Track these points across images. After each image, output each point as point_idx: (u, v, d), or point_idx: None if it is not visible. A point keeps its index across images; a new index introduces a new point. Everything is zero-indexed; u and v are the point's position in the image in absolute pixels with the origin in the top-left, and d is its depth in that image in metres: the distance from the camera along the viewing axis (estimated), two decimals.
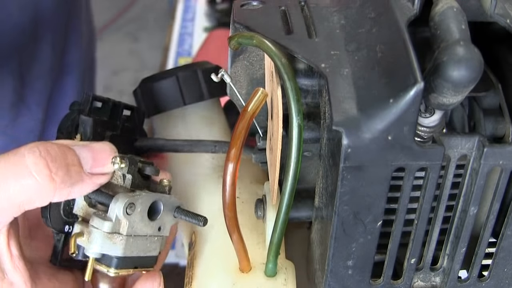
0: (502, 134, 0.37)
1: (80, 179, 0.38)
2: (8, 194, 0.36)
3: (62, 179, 0.36)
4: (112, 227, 0.41)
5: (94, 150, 0.39)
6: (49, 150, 0.36)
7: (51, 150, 0.36)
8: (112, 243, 0.41)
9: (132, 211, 0.41)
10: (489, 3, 0.33)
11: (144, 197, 0.42)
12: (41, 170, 0.36)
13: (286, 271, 0.41)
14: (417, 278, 0.37)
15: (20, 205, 0.36)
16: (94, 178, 0.39)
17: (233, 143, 0.35)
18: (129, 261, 0.42)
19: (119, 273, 0.42)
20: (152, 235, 0.43)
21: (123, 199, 0.40)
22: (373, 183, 0.32)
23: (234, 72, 0.42)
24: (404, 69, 0.29)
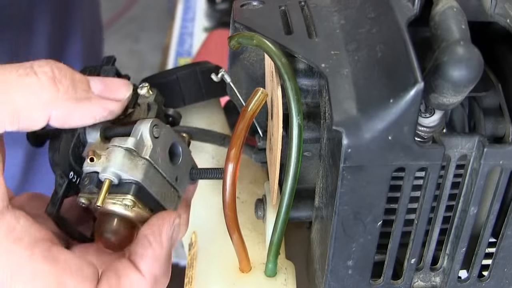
0: (502, 134, 0.37)
1: (86, 96, 0.36)
2: (7, 89, 0.33)
3: (66, 89, 0.34)
4: (136, 144, 0.37)
5: (106, 80, 0.37)
6: (57, 63, 0.35)
7: (60, 64, 0.35)
8: (133, 165, 0.37)
9: (158, 134, 0.38)
10: (489, 3, 0.33)
11: (168, 129, 0.39)
12: (45, 71, 0.34)
13: (286, 271, 0.41)
14: (417, 278, 0.37)
15: (18, 110, 0.33)
16: (103, 101, 0.37)
17: (233, 143, 0.35)
18: (146, 197, 0.37)
19: (134, 205, 0.37)
20: (170, 182, 0.39)
21: (149, 119, 0.38)
22: (373, 183, 0.32)
23: (234, 72, 0.42)
24: (404, 69, 0.29)
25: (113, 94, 0.37)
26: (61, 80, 0.34)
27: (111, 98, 0.37)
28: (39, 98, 0.34)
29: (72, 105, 0.35)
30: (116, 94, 0.37)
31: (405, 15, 0.32)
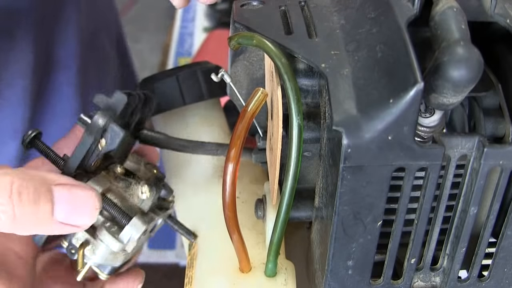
0: (502, 134, 0.37)
1: (47, 225, 0.35)
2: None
3: (25, 222, 0.34)
4: (121, 248, 0.41)
5: (74, 200, 0.35)
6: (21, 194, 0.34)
7: (23, 195, 0.34)
8: (114, 258, 0.42)
9: (144, 235, 0.42)
10: (489, 3, 0.33)
11: (157, 223, 0.43)
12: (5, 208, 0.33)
13: (286, 271, 0.41)
14: (417, 278, 0.37)
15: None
16: (65, 227, 0.36)
17: (233, 143, 0.35)
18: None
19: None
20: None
21: (141, 226, 0.41)
22: (373, 183, 0.32)
23: (234, 72, 0.42)
24: (404, 69, 0.29)
25: (76, 221, 0.36)
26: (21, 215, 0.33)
27: (73, 224, 0.36)
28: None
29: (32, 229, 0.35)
30: (79, 221, 0.36)
31: (405, 15, 0.32)
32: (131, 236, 0.41)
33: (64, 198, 0.35)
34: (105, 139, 0.39)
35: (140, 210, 0.43)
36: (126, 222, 0.41)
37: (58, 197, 0.35)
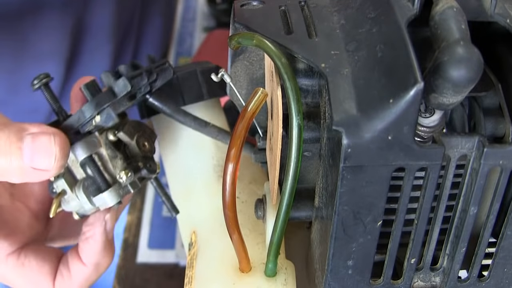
0: (502, 134, 0.37)
1: (23, 170, 0.39)
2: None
3: (4, 168, 0.38)
4: (93, 209, 0.44)
5: (36, 145, 0.39)
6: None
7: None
8: (86, 211, 0.45)
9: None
10: (489, 3, 0.33)
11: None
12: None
13: (286, 271, 0.41)
14: (417, 278, 0.37)
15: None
16: (37, 173, 0.39)
17: (233, 143, 0.35)
18: None
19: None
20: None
21: (115, 197, 0.43)
22: (373, 183, 0.32)
23: (234, 72, 0.42)
24: (404, 69, 0.29)
25: (39, 164, 0.39)
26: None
27: (39, 168, 0.39)
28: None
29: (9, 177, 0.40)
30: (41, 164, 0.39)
31: (405, 15, 0.32)
32: (105, 202, 0.43)
33: (29, 144, 0.39)
34: (101, 116, 0.42)
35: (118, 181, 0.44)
36: (103, 189, 0.43)
37: (26, 144, 0.38)
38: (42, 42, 0.71)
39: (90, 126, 0.42)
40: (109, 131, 0.44)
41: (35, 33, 0.69)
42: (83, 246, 0.46)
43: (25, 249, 0.46)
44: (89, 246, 0.46)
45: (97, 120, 0.42)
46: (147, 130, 0.47)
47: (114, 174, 0.44)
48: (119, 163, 0.44)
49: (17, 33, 0.68)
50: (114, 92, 0.42)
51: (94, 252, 0.46)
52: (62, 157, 0.39)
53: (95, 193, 0.43)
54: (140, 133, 0.46)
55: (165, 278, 0.87)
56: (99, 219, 0.46)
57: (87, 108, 0.41)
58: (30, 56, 0.71)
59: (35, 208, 0.48)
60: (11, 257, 0.45)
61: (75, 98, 0.47)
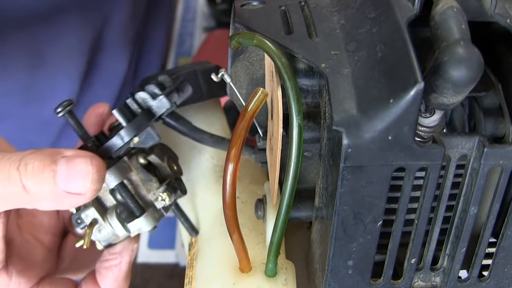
0: (502, 134, 0.37)
1: (54, 195, 0.37)
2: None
3: (35, 193, 0.37)
4: (127, 236, 0.43)
5: (71, 167, 0.37)
6: (27, 165, 0.37)
7: (29, 165, 0.37)
8: (117, 238, 0.44)
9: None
10: (489, 3, 0.33)
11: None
12: (16, 182, 0.37)
13: (286, 271, 0.41)
14: (417, 278, 0.37)
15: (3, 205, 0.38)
16: (70, 197, 0.37)
17: (233, 143, 0.35)
18: None
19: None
20: None
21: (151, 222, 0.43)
22: (373, 183, 0.32)
23: (234, 72, 0.42)
24: (404, 69, 0.29)
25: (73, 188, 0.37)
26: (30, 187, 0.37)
27: (73, 192, 0.37)
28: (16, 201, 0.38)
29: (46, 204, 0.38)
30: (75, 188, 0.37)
31: (405, 15, 0.32)
32: (140, 228, 0.43)
33: (64, 167, 0.37)
34: (139, 137, 0.41)
35: (153, 205, 0.44)
36: (138, 214, 0.42)
37: (60, 167, 0.37)
38: (59, 59, 0.70)
39: (124, 150, 0.41)
40: (139, 155, 0.43)
41: (53, 49, 0.69)
42: (105, 273, 0.45)
43: (42, 283, 0.44)
44: (112, 274, 0.45)
45: (135, 142, 0.41)
46: (171, 151, 0.46)
47: (147, 199, 0.43)
48: (154, 186, 0.43)
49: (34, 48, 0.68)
50: (151, 111, 0.41)
51: (116, 280, 0.45)
52: (99, 181, 0.37)
53: (129, 219, 0.42)
54: (168, 155, 0.45)
55: (165, 278, 0.87)
56: (127, 249, 0.45)
57: (127, 131, 0.40)
58: (45, 72, 0.70)
59: (46, 240, 0.46)
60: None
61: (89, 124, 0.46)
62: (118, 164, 0.42)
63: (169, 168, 0.45)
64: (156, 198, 0.43)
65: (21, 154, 0.37)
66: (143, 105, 0.41)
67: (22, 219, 0.45)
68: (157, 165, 0.44)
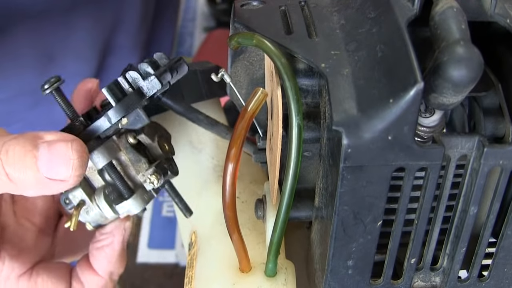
0: (502, 134, 0.37)
1: (38, 181, 0.36)
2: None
3: (19, 180, 0.36)
4: (115, 217, 0.43)
5: (52, 153, 0.36)
6: (8, 152, 0.36)
7: (10, 152, 0.36)
8: (105, 220, 0.43)
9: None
10: (489, 3, 0.33)
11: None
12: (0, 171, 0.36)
13: (286, 271, 0.41)
14: (417, 278, 0.37)
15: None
16: (53, 183, 0.36)
17: (233, 143, 0.35)
18: None
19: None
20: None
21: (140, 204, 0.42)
22: (373, 183, 0.32)
23: (234, 72, 0.42)
24: (404, 69, 0.29)
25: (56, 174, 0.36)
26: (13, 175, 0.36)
27: (56, 178, 0.36)
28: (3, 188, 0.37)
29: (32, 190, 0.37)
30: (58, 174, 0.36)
31: (405, 15, 0.32)
32: (129, 210, 0.42)
33: (45, 153, 0.36)
34: (128, 119, 0.39)
35: (142, 186, 0.42)
36: (127, 196, 0.41)
37: (41, 152, 0.36)
38: (69, 61, 0.70)
39: (113, 130, 0.40)
40: (129, 134, 0.41)
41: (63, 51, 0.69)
42: (97, 255, 0.45)
43: (36, 268, 0.44)
44: (105, 255, 0.45)
45: (123, 123, 0.39)
46: (163, 130, 0.45)
47: (137, 179, 0.42)
48: (143, 167, 0.41)
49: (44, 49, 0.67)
50: (142, 92, 0.39)
51: (109, 261, 0.45)
52: (81, 166, 0.36)
53: (118, 201, 0.41)
54: (159, 134, 0.44)
55: (165, 278, 0.87)
56: (118, 228, 0.44)
57: (114, 112, 0.38)
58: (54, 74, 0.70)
59: (40, 224, 0.46)
60: (22, 278, 0.43)
61: (77, 100, 0.45)
62: (106, 144, 0.40)
63: (160, 148, 0.43)
64: (145, 180, 0.42)
65: (2, 140, 0.36)
66: (134, 85, 0.39)
67: (16, 204, 0.45)
68: (147, 145, 0.43)
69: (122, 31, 0.75)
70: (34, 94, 0.69)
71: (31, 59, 0.67)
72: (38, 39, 0.66)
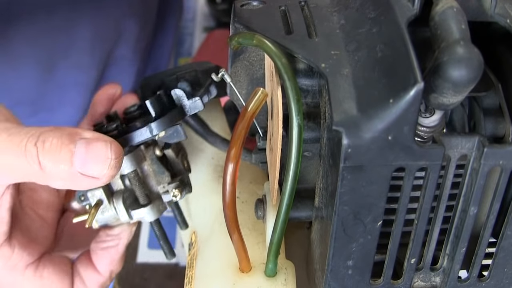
0: (502, 134, 0.37)
1: (69, 175, 0.37)
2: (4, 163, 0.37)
3: (51, 171, 0.37)
4: (128, 221, 0.44)
5: (90, 150, 0.37)
6: (45, 142, 0.36)
7: (47, 142, 0.36)
8: (116, 221, 0.44)
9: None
10: (489, 3, 0.33)
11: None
12: (33, 158, 0.37)
13: (286, 271, 0.41)
14: (417, 278, 0.37)
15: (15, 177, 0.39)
16: (86, 179, 0.37)
17: (233, 143, 0.35)
18: None
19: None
20: None
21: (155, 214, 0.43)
22: (373, 183, 0.32)
23: (234, 72, 0.42)
24: (404, 69, 0.29)
25: (91, 171, 0.37)
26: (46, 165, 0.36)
27: (90, 175, 0.37)
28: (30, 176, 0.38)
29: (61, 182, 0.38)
30: (93, 171, 0.37)
31: (405, 15, 0.32)
32: (143, 217, 0.43)
33: (82, 149, 0.37)
34: (166, 132, 0.40)
35: (160, 197, 0.44)
36: (144, 204, 0.42)
37: (78, 148, 0.37)
38: (70, 70, 0.70)
39: (145, 140, 0.41)
40: (156, 146, 0.43)
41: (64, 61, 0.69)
42: (102, 254, 0.46)
43: (42, 259, 0.44)
44: (109, 255, 0.45)
45: (160, 135, 0.40)
46: (184, 149, 0.47)
47: (155, 189, 0.43)
48: (165, 179, 0.43)
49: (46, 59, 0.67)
50: (184, 110, 0.41)
51: (112, 261, 0.46)
52: (116, 167, 0.37)
53: (134, 207, 0.43)
54: (182, 152, 0.45)
55: (165, 278, 0.87)
56: (126, 231, 0.46)
57: (158, 124, 0.39)
58: (55, 83, 0.69)
59: (46, 216, 0.46)
60: (29, 268, 0.43)
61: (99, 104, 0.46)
62: (135, 152, 0.42)
63: (181, 164, 0.45)
64: (166, 191, 0.43)
65: (39, 130, 0.37)
66: (177, 102, 0.41)
67: (23, 195, 0.45)
68: (171, 159, 0.44)
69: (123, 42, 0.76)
70: (34, 104, 0.69)
71: (31, 68, 0.67)
72: (38, 47, 0.66)
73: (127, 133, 0.40)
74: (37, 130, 0.37)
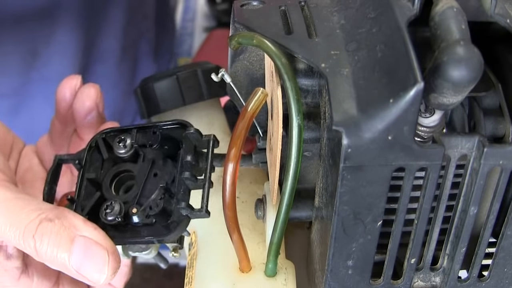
0: (502, 134, 0.37)
1: (64, 268, 0.37)
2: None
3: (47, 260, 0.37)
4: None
5: (88, 255, 0.36)
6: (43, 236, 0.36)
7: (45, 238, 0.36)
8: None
9: None
10: (489, 3, 0.33)
11: None
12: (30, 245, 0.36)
13: (286, 271, 0.41)
14: (417, 278, 0.37)
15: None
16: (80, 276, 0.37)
17: (233, 143, 0.35)
18: None
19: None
20: None
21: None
22: (373, 183, 0.32)
23: (234, 72, 0.42)
24: (404, 69, 0.29)
25: (87, 275, 0.37)
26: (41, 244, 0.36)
27: (85, 276, 0.37)
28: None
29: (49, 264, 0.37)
30: (89, 276, 0.37)
31: (405, 15, 0.32)
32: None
33: (81, 251, 0.36)
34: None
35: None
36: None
37: (76, 248, 0.36)
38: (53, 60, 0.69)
39: None
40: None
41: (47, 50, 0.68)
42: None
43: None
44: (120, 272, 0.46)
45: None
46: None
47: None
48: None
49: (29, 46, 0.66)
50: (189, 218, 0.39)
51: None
52: (111, 276, 0.37)
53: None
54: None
55: (165, 278, 0.87)
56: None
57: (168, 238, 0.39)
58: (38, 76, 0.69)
59: None
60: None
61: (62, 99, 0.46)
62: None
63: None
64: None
65: (40, 217, 0.36)
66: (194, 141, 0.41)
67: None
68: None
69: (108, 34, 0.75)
70: (17, 96, 0.68)
71: (14, 58, 0.66)
72: (21, 36, 0.65)
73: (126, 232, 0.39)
74: (37, 216, 0.37)
